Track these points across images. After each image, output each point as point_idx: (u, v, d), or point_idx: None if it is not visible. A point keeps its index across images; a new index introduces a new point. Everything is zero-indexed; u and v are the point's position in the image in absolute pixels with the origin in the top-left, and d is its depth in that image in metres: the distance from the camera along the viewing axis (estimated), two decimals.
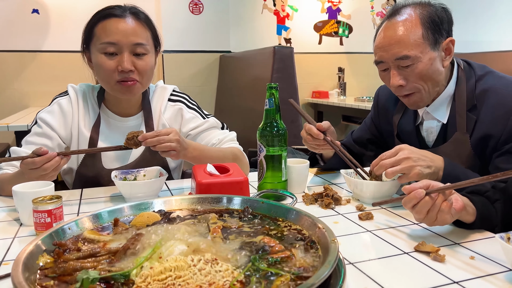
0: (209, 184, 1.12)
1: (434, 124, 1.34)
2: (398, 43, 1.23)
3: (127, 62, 1.30)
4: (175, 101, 1.52)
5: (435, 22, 1.23)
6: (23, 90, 3.72)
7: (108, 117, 1.45)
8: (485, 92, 1.24)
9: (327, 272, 0.63)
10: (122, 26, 1.31)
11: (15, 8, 3.62)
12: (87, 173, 1.41)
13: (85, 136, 1.41)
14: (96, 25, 1.33)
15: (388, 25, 1.27)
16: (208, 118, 1.53)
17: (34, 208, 0.94)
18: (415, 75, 1.24)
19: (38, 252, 0.72)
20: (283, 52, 2.95)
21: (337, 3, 4.79)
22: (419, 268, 0.81)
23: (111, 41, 1.30)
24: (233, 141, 1.53)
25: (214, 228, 0.84)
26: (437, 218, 0.90)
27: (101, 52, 1.31)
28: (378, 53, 1.30)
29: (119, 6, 1.37)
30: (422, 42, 1.22)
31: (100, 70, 1.33)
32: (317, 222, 0.81)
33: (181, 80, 4.02)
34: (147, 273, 0.65)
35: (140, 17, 1.36)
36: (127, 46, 1.31)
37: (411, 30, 1.22)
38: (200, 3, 4.03)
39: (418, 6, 1.26)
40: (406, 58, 1.22)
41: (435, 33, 1.23)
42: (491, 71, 1.30)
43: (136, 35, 1.32)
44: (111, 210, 0.90)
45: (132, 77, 1.33)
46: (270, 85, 1.19)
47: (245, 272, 0.67)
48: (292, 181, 1.27)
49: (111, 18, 1.32)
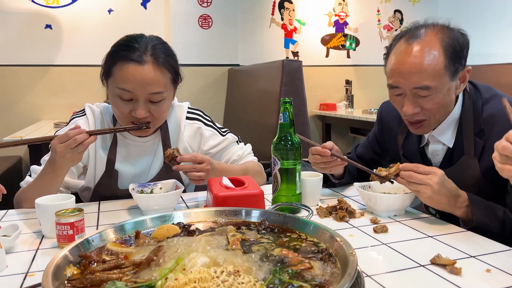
0: (225, 197, 1.13)
1: (439, 147, 1.32)
2: (420, 72, 1.17)
3: (141, 110, 1.30)
4: (193, 119, 1.53)
5: (456, 51, 1.18)
6: (35, 104, 3.79)
7: (125, 137, 1.46)
8: (493, 117, 1.21)
9: (348, 284, 0.64)
10: (140, 75, 1.27)
11: (29, 23, 3.71)
12: (103, 193, 1.43)
13: (102, 157, 1.42)
14: (114, 65, 1.30)
15: (408, 48, 1.19)
16: (226, 135, 1.56)
17: (56, 221, 0.97)
18: (431, 105, 1.20)
19: (65, 264, 0.74)
20: (292, 65, 2.98)
21: (344, 17, 4.85)
22: (436, 280, 0.82)
23: (127, 89, 1.28)
24: (250, 154, 1.58)
25: (233, 240, 0.86)
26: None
27: (117, 95, 1.30)
28: (394, 78, 1.23)
29: (138, 43, 1.31)
30: (443, 73, 1.17)
31: (114, 109, 1.36)
32: (335, 235, 0.82)
33: (190, 94, 4.07)
34: (172, 284, 0.67)
35: (159, 62, 1.31)
36: (143, 96, 1.29)
37: (434, 58, 1.16)
38: (209, 17, 4.10)
39: (439, 30, 1.19)
40: (426, 88, 1.17)
41: (455, 63, 1.18)
42: (497, 93, 1.26)
43: (153, 85, 1.29)
44: (133, 222, 0.92)
45: (146, 121, 1.34)
46: (284, 100, 1.21)
47: (267, 284, 0.68)
48: (306, 194, 1.29)
49: (130, 63, 1.27)
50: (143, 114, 1.30)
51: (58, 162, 1.22)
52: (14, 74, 3.71)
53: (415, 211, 1.26)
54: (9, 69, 3.69)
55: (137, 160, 1.47)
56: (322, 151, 1.29)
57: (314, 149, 1.31)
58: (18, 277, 0.85)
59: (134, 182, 1.43)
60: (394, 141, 1.48)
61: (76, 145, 1.18)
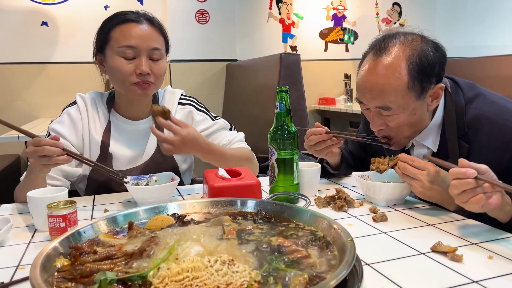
0: (221, 187, 1.12)
1: (424, 151, 1.29)
2: (380, 92, 1.14)
3: (145, 66, 1.35)
4: (185, 104, 1.55)
5: (424, 69, 1.12)
6: (33, 102, 3.77)
7: (118, 121, 1.48)
8: (477, 119, 1.16)
9: (346, 271, 0.62)
10: (141, 31, 1.36)
11: (25, 21, 3.68)
12: (98, 178, 1.42)
13: (96, 141, 1.43)
14: (113, 29, 1.36)
15: (373, 65, 1.15)
16: (217, 120, 1.56)
17: (48, 213, 0.95)
18: (395, 124, 1.18)
19: (55, 255, 0.72)
20: (290, 59, 2.96)
21: (342, 10, 4.82)
22: (437, 268, 0.80)
23: (130, 44, 1.34)
24: (242, 141, 1.57)
25: (229, 230, 0.84)
26: (468, 201, 0.91)
27: (119, 55, 1.35)
28: (358, 94, 1.22)
29: (132, 11, 1.42)
30: (406, 93, 1.12)
31: (117, 72, 1.36)
32: (332, 223, 0.80)
33: (188, 89, 4.00)
34: (165, 274, 0.65)
35: (154, 23, 1.41)
36: (145, 51, 1.35)
37: (396, 79, 1.11)
38: (206, 12, 4.07)
39: (408, 45, 1.13)
40: (387, 109, 1.15)
41: (422, 82, 1.12)
42: (480, 93, 1.21)
43: (153, 40, 1.37)
44: (126, 214, 0.90)
45: (149, 80, 1.37)
46: (281, 88, 1.19)
47: (262, 273, 0.66)
48: (303, 184, 1.27)
49: (129, 23, 1.36)
50: (147, 69, 1.35)
51: (31, 167, 1.20)
52: (11, 72, 3.68)
53: (415, 200, 1.24)
54: (6, 67, 3.66)
55: (131, 144, 1.47)
56: (317, 130, 1.29)
57: (309, 131, 1.31)
58: (9, 270, 0.83)
59: (128, 165, 1.44)
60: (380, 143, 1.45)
61: (43, 155, 1.12)
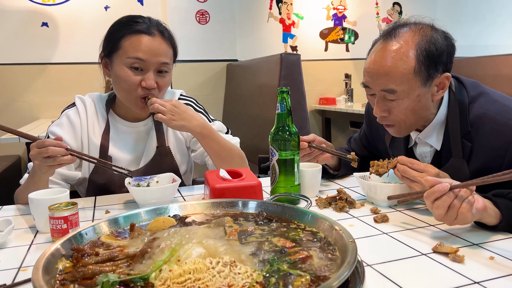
0: (222, 188, 1.12)
1: (427, 149, 1.29)
2: (386, 74, 1.13)
3: (152, 80, 1.34)
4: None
5: (432, 56, 1.12)
6: (33, 102, 3.77)
7: (117, 123, 1.47)
8: (480, 119, 1.16)
9: (348, 272, 0.62)
10: (152, 45, 1.34)
11: (26, 21, 3.68)
12: (99, 180, 1.42)
13: (95, 144, 1.42)
14: (123, 38, 1.34)
15: (381, 48, 1.16)
16: (214, 122, 1.56)
17: (50, 215, 0.95)
18: (398, 110, 1.17)
19: (57, 257, 0.72)
20: (290, 59, 2.96)
21: (343, 10, 4.81)
22: (439, 268, 0.80)
23: (140, 57, 1.32)
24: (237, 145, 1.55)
25: (231, 231, 0.84)
26: (458, 216, 0.89)
27: (127, 66, 1.33)
28: (365, 77, 1.21)
29: (142, 18, 1.38)
30: (412, 78, 1.12)
31: (123, 82, 1.35)
32: (334, 224, 0.80)
33: (188, 89, 4.00)
34: (167, 275, 0.65)
35: (165, 35, 1.39)
36: (153, 65, 1.34)
37: (403, 62, 1.11)
38: (206, 13, 4.07)
39: (418, 31, 1.14)
40: (392, 92, 1.14)
41: (429, 69, 1.12)
42: (483, 92, 1.21)
43: (162, 55, 1.36)
44: (128, 215, 0.90)
45: (153, 94, 1.37)
46: (282, 89, 1.19)
47: (264, 274, 0.66)
48: (305, 185, 1.27)
49: (140, 34, 1.34)
50: (153, 84, 1.35)
51: (35, 169, 1.20)
52: (11, 72, 3.68)
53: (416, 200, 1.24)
54: (7, 67, 3.66)
55: (131, 146, 1.47)
56: (301, 144, 1.30)
57: None
58: (11, 272, 0.83)
59: (128, 167, 1.43)
60: (382, 140, 1.45)
61: (47, 156, 1.12)
